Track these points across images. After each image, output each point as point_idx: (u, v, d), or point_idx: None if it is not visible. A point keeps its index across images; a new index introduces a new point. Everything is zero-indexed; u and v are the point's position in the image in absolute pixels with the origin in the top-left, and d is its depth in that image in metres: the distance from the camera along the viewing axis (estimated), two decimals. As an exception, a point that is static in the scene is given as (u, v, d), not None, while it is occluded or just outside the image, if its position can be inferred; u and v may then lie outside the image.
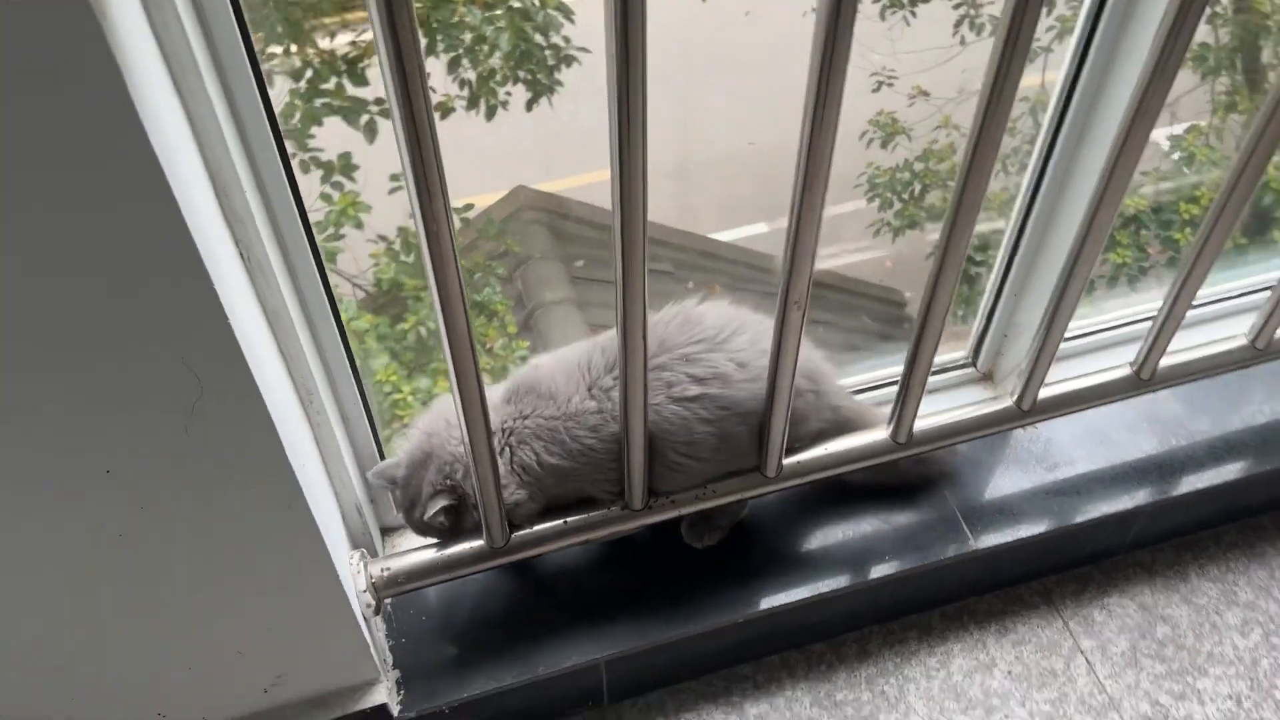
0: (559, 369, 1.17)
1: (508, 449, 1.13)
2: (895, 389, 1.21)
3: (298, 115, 2.52)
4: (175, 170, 0.70)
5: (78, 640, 1.01)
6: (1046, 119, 1.25)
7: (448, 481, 1.12)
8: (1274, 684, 1.30)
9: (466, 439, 0.99)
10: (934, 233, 3.31)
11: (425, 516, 1.11)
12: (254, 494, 0.93)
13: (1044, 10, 0.83)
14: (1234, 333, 1.34)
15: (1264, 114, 1.00)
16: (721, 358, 1.14)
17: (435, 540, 1.20)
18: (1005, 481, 1.37)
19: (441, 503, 1.10)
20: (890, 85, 4.25)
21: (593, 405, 1.11)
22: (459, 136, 3.22)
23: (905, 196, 3.55)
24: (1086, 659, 1.32)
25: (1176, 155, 3.40)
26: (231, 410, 0.84)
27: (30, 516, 0.86)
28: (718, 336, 1.15)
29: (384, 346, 2.85)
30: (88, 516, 0.87)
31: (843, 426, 1.24)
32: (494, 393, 1.17)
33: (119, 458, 0.83)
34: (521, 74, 2.90)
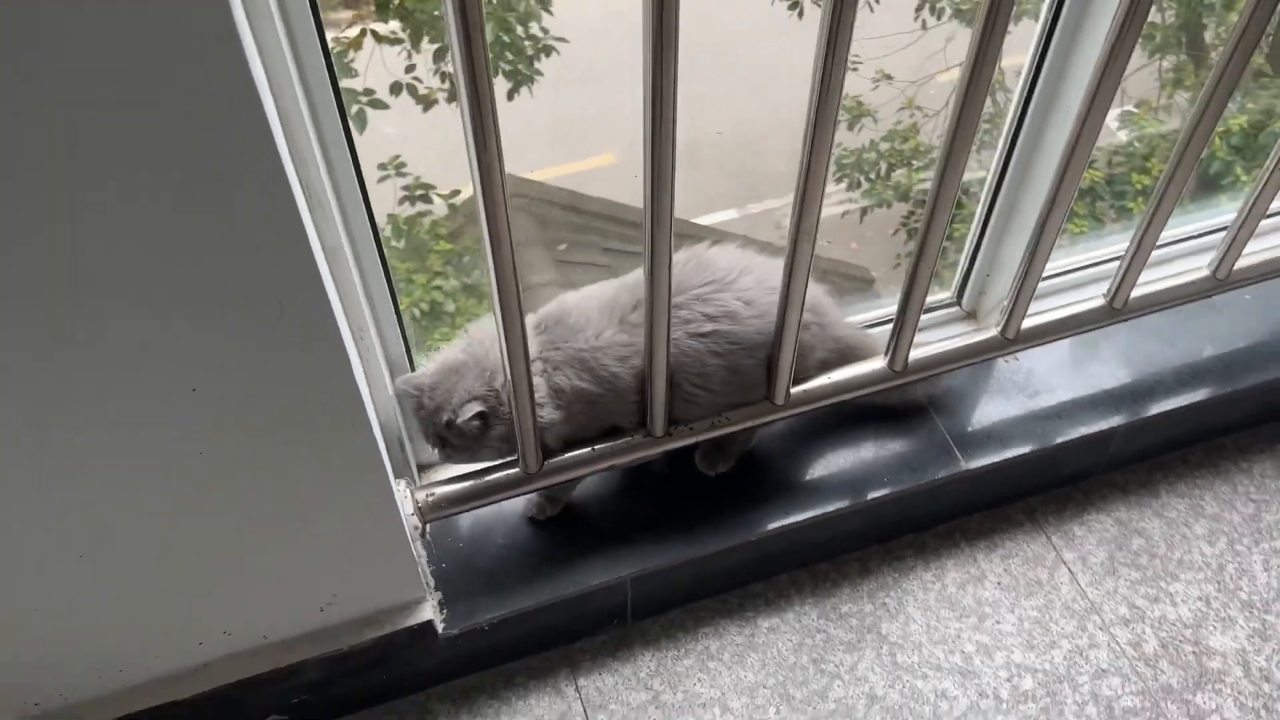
0: (588, 305, 1.21)
1: (545, 373, 1.17)
2: (890, 326, 1.26)
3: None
4: (266, 101, 0.75)
5: (151, 557, 1.04)
6: (1020, 82, 1.30)
7: (488, 389, 1.15)
8: (1239, 586, 1.37)
9: (507, 367, 1.04)
10: (900, 211, 3.41)
11: (459, 420, 1.13)
12: (323, 413, 0.96)
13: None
14: (1196, 266, 1.40)
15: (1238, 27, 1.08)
16: (730, 297, 1.20)
17: (453, 452, 1.21)
18: (991, 409, 1.43)
19: (477, 407, 1.13)
20: (854, 70, 4.31)
21: (623, 338, 1.16)
22: (442, 128, 3.15)
23: (872, 176, 3.63)
24: (1069, 569, 1.38)
25: (1125, 133, 3.50)
26: (307, 331, 0.88)
27: (118, 430, 0.89)
28: (727, 278, 1.20)
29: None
30: (172, 432, 0.91)
31: (846, 355, 1.30)
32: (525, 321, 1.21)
33: (205, 375, 0.87)
34: (503, 65, 2.93)
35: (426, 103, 3.04)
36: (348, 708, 1.32)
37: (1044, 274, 1.29)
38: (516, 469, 1.20)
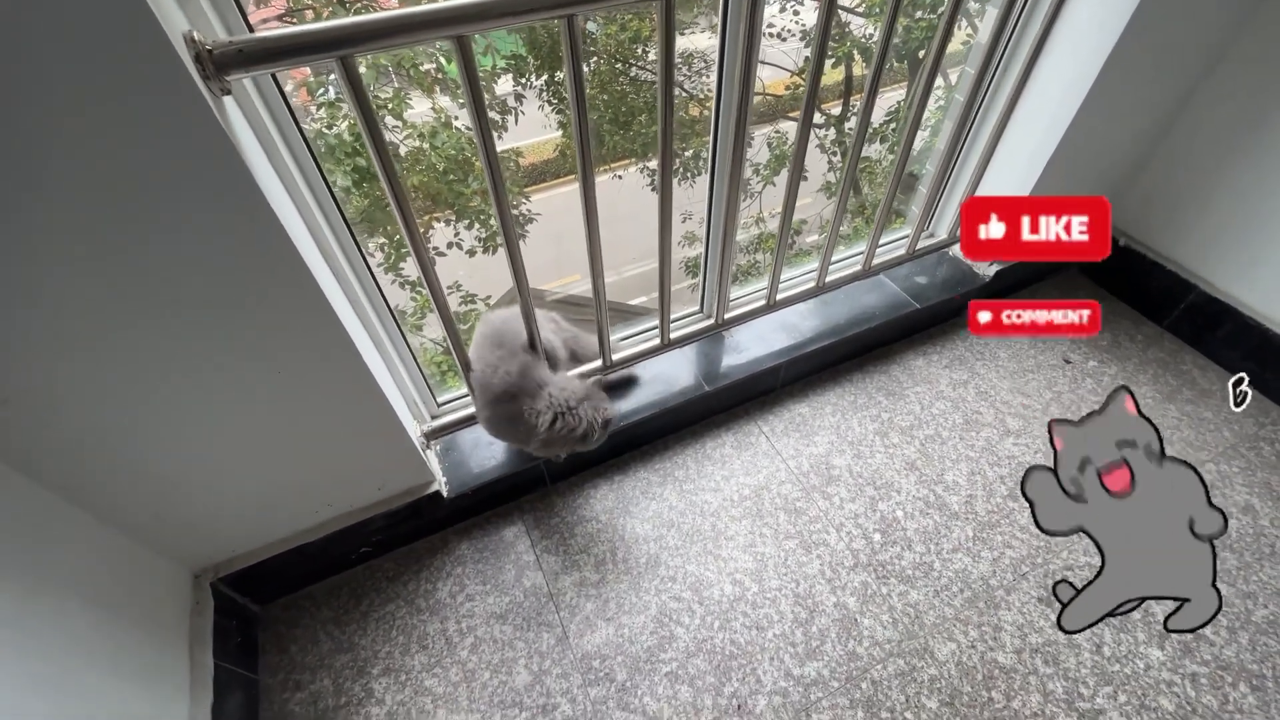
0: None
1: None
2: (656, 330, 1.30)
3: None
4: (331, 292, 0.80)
5: (292, 469, 1.05)
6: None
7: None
8: (848, 434, 1.43)
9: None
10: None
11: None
12: (371, 415, 1.01)
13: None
14: (810, 281, 1.45)
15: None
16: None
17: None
18: (723, 360, 1.46)
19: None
20: (685, 220, 4.76)
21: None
22: (478, 265, 3.53)
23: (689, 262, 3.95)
24: (765, 436, 1.45)
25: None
26: (355, 377, 0.90)
27: (261, 384, 0.88)
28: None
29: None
30: (264, 384, 0.90)
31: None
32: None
33: (284, 361, 0.89)
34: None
35: (471, 251, 3.41)
36: (403, 539, 1.29)
37: (732, 297, 1.37)
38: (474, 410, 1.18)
